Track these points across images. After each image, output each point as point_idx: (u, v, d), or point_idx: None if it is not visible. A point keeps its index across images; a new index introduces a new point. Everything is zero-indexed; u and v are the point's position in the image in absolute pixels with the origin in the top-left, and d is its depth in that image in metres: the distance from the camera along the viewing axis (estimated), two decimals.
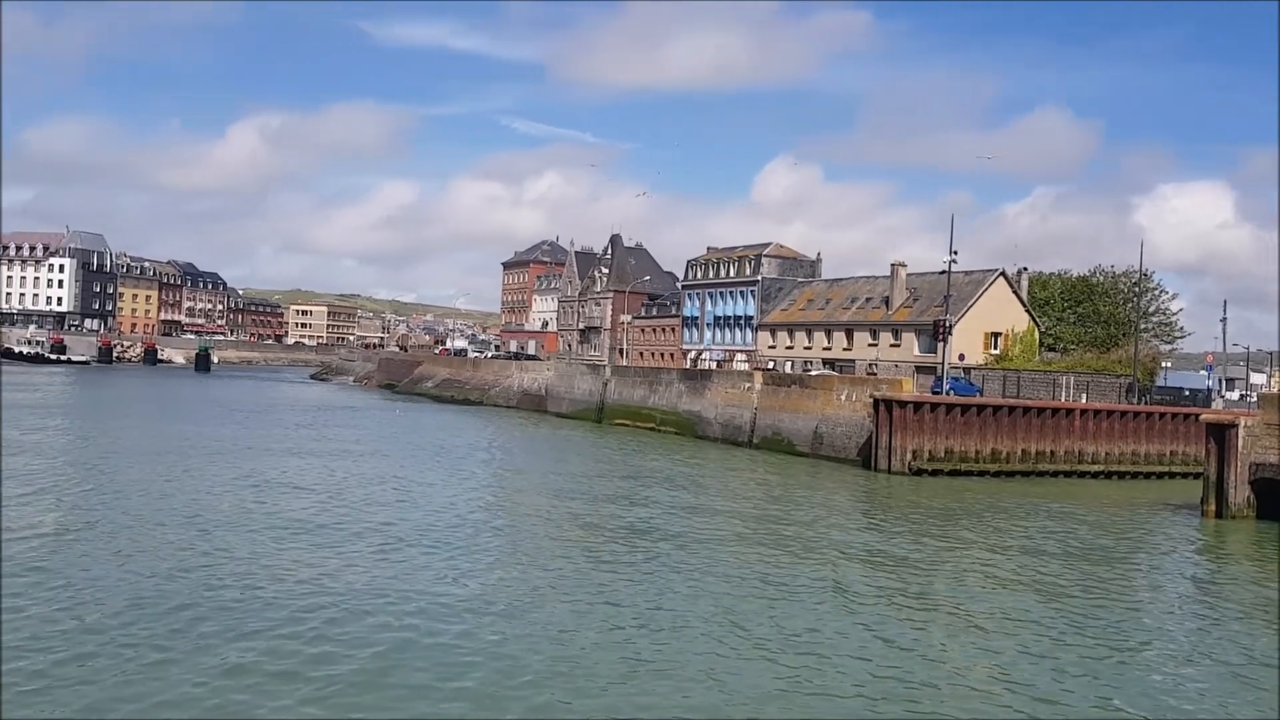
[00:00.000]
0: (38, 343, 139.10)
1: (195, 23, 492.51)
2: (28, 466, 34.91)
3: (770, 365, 78.76)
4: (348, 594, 19.52)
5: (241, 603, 18.52)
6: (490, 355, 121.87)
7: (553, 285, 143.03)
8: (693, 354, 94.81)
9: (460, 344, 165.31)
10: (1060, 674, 16.73)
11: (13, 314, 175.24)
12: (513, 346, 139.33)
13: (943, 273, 57.80)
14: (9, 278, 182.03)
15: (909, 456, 45.19)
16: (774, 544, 27.30)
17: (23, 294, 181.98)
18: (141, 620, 17.08)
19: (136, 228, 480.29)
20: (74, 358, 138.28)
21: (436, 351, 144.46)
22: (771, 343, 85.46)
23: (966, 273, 71.10)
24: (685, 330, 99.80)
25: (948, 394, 50.44)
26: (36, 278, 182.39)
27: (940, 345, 55.62)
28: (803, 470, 46.16)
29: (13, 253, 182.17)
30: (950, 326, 55.81)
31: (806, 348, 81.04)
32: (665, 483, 39.02)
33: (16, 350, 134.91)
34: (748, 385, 58.80)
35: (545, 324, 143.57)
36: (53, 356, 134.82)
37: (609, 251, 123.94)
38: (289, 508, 29.11)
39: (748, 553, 25.85)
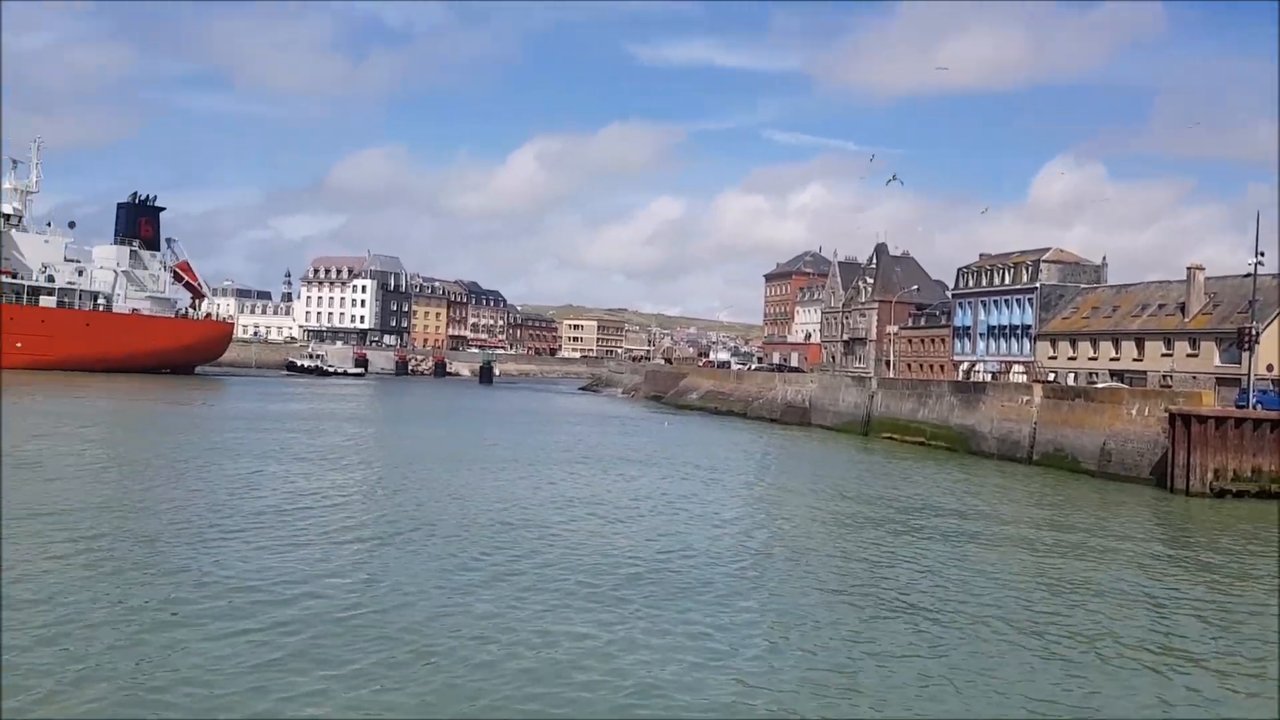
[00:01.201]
0: (317, 357, 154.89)
1: (481, 57, 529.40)
2: (367, 474, 39.31)
3: (1050, 377, 75.21)
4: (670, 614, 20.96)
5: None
6: (753, 367, 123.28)
7: (815, 296, 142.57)
8: (964, 365, 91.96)
9: (723, 356, 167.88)
10: None
11: (322, 331, 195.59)
12: (775, 358, 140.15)
13: (1247, 275, 53.42)
14: (320, 298, 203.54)
15: (1210, 476, 42.13)
16: (1080, 556, 27.09)
17: (330, 313, 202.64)
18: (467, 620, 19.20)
19: (427, 250, 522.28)
20: (349, 369, 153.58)
21: (700, 364, 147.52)
22: (1051, 353, 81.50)
23: (1275, 275, 65.14)
24: (956, 341, 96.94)
25: (1254, 408, 46.56)
26: (342, 298, 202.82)
27: (1245, 355, 51.41)
28: (1090, 489, 44.13)
29: (322, 275, 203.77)
30: (1257, 334, 51.40)
31: (1091, 358, 76.75)
32: (950, 495, 38.58)
33: (299, 364, 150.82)
34: (1026, 398, 56.64)
35: (808, 335, 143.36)
36: (330, 369, 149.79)
37: (874, 261, 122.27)
38: (595, 513, 31.27)
39: (1056, 565, 25.82)
